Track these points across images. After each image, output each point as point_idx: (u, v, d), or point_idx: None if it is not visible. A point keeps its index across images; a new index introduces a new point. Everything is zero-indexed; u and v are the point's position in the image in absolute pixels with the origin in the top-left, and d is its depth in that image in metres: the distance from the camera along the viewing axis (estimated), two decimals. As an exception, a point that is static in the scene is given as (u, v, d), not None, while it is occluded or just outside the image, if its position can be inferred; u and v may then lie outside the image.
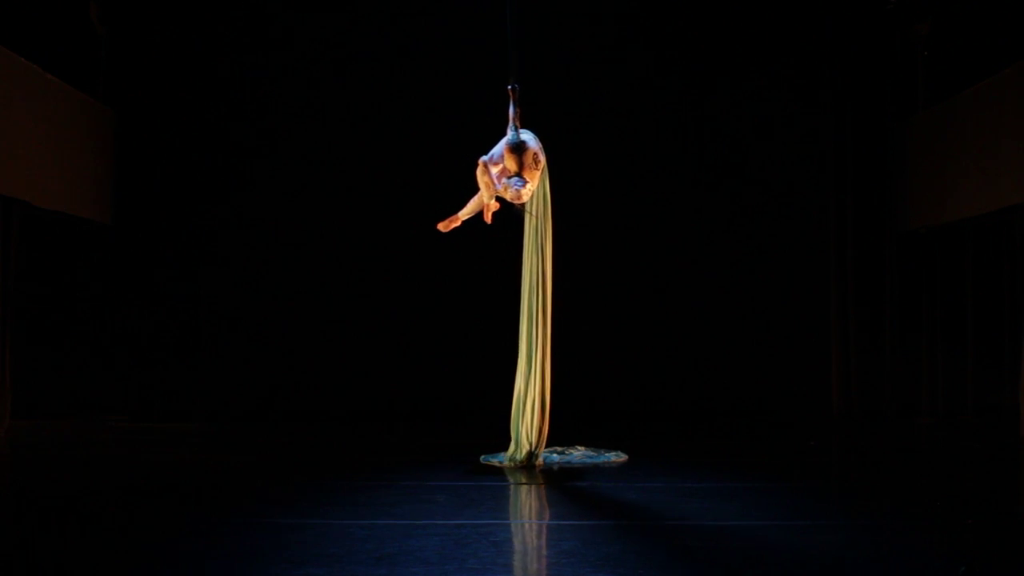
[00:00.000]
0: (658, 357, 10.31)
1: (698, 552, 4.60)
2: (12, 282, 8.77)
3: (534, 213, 6.99)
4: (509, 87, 6.89)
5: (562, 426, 7.73)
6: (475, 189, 7.10)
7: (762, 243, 10.46)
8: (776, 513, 5.55)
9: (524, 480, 6.62)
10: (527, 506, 6.00)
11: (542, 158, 6.76)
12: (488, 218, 7.21)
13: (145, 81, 10.20)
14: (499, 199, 7.09)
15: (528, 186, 6.65)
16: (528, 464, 6.99)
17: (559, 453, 7.39)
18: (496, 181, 6.78)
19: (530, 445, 6.99)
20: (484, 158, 6.84)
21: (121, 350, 10.04)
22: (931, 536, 5.00)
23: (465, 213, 7.32)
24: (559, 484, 6.47)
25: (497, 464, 7.09)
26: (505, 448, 7.19)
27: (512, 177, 6.62)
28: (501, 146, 6.76)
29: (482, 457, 7.28)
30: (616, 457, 7.35)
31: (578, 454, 7.40)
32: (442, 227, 7.42)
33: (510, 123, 6.81)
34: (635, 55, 10.48)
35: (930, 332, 10.22)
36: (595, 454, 7.41)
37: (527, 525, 5.43)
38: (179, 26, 10.25)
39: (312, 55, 10.41)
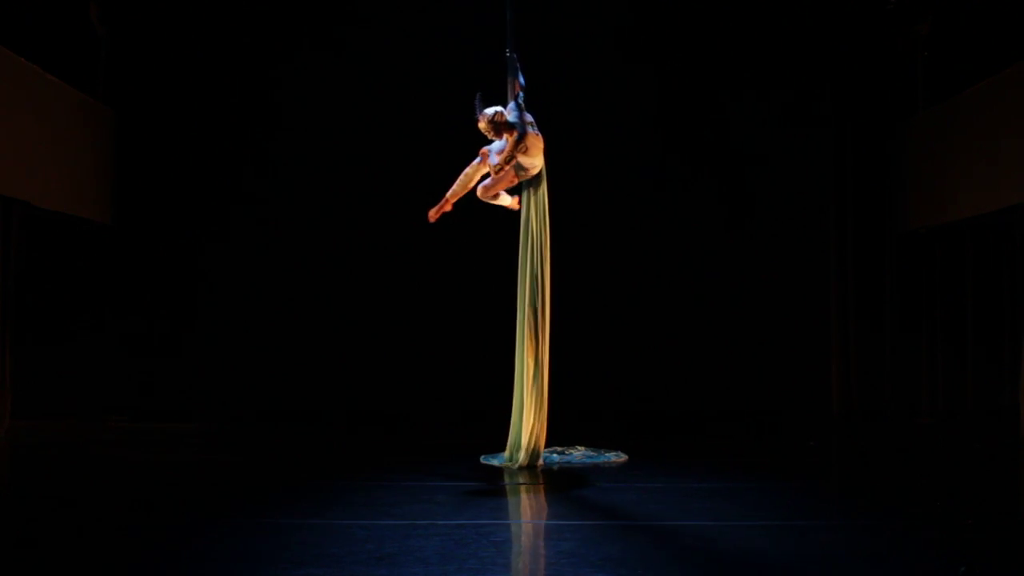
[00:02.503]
0: (658, 357, 10.30)
1: (698, 552, 4.60)
2: (12, 282, 8.76)
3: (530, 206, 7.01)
4: (507, 54, 6.98)
5: (562, 426, 7.73)
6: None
7: (762, 243, 10.45)
8: (776, 513, 5.55)
9: (524, 480, 6.62)
10: (527, 506, 6.00)
11: (512, 124, 6.82)
12: (514, 204, 7.21)
13: (145, 81, 10.20)
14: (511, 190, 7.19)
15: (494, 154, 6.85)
16: (528, 465, 6.99)
17: (559, 453, 7.40)
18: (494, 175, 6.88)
19: (532, 449, 7.00)
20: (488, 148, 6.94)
21: (121, 350, 10.04)
22: (931, 536, 5.00)
23: (454, 195, 7.27)
24: (559, 484, 6.47)
25: (497, 465, 7.09)
26: (505, 448, 7.20)
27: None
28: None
29: (482, 458, 7.29)
30: (616, 457, 7.36)
31: (578, 454, 7.41)
32: (432, 215, 7.36)
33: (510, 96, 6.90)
34: (636, 56, 10.46)
35: (930, 332, 10.22)
36: (595, 454, 7.41)
37: (527, 525, 5.43)
38: (179, 26, 10.25)
39: (312, 54, 10.40)
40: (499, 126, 6.86)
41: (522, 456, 7.00)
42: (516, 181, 7.03)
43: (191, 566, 4.31)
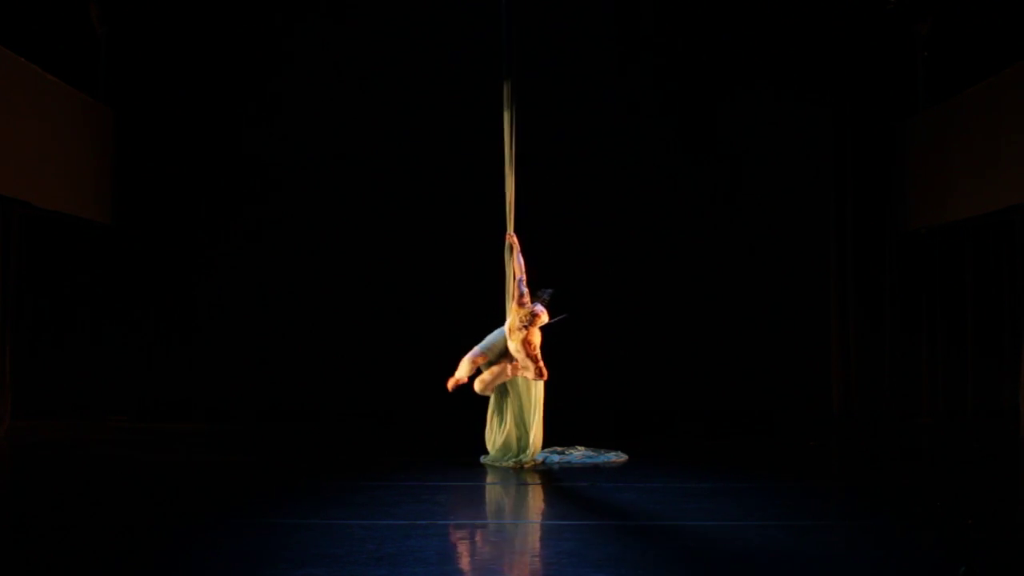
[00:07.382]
0: (659, 357, 10.29)
1: (698, 552, 4.60)
2: (12, 282, 8.76)
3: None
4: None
5: (562, 426, 7.73)
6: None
7: (763, 243, 10.45)
8: (776, 513, 5.55)
9: (524, 480, 6.62)
10: (527, 506, 6.00)
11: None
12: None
13: (145, 81, 10.19)
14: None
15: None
16: (528, 465, 7.00)
17: (559, 453, 7.40)
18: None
19: (533, 450, 7.07)
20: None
21: (121, 350, 10.03)
22: (931, 536, 5.01)
23: (464, 374, 7.32)
24: (559, 484, 6.47)
25: (497, 465, 7.10)
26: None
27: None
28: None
29: (482, 458, 7.29)
30: (616, 457, 7.36)
31: (578, 454, 7.41)
32: (450, 386, 7.40)
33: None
34: (637, 57, 10.45)
35: (930, 332, 10.21)
36: (595, 454, 7.41)
37: (527, 525, 5.43)
38: (179, 26, 10.24)
39: (311, 55, 10.38)
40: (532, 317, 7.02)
41: (523, 457, 7.03)
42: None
43: (191, 566, 4.32)
